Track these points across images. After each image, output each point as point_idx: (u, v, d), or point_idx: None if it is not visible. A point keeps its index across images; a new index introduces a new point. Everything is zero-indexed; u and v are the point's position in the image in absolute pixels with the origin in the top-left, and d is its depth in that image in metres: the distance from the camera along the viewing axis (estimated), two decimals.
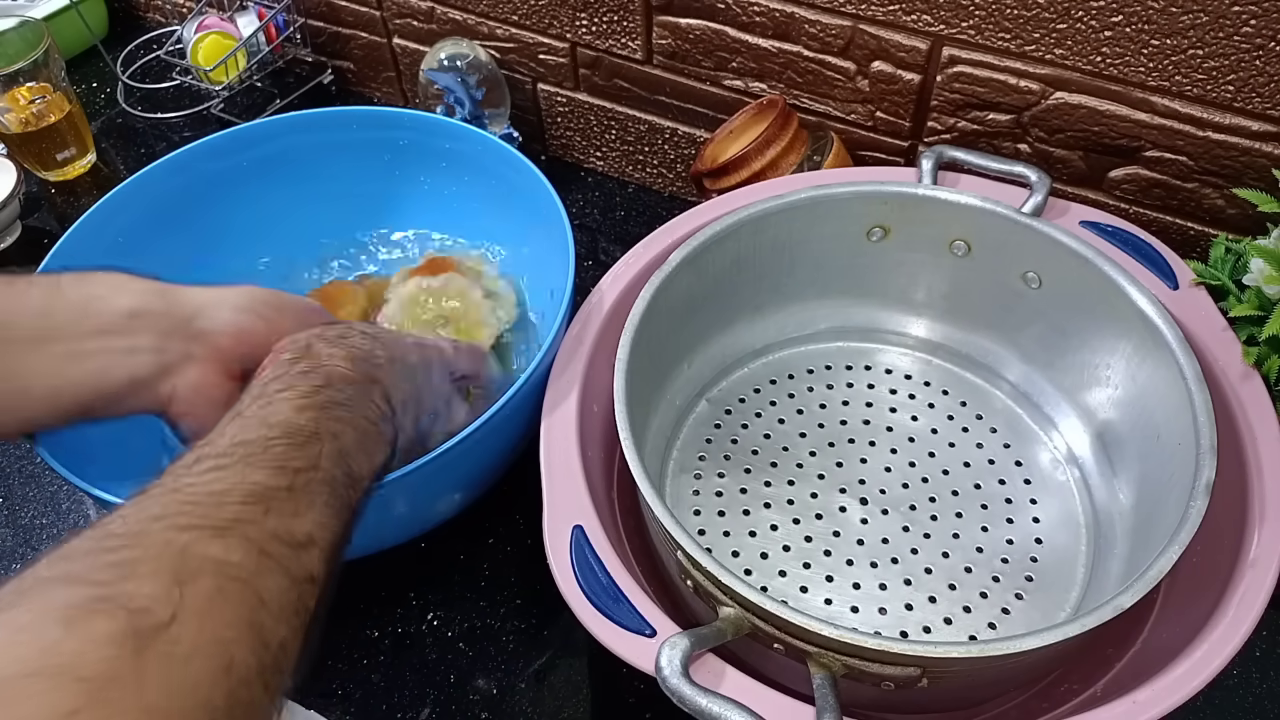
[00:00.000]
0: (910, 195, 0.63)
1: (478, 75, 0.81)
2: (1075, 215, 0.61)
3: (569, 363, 0.57)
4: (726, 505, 0.61)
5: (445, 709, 0.57)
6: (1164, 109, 0.62)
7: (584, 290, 0.60)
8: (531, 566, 0.63)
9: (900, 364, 0.69)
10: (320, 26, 0.94)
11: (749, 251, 0.64)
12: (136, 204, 0.67)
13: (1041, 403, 0.65)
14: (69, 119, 0.88)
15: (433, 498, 0.58)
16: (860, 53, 0.69)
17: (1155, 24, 0.58)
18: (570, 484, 0.51)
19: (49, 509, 0.68)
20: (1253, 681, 0.56)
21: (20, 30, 0.87)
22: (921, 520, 0.60)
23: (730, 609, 0.46)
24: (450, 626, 0.60)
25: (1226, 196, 0.64)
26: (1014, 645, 0.42)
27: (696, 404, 0.67)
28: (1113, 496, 0.59)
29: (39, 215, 0.90)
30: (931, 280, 0.67)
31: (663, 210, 0.86)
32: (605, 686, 0.58)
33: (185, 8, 1.01)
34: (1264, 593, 0.45)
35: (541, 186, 0.65)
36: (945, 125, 0.70)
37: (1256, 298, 0.54)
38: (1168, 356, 0.54)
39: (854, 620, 0.56)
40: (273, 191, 0.73)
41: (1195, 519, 0.46)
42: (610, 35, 0.78)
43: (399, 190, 0.75)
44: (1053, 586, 0.57)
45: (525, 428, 0.57)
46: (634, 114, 0.83)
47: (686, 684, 0.41)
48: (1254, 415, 0.52)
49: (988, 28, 0.63)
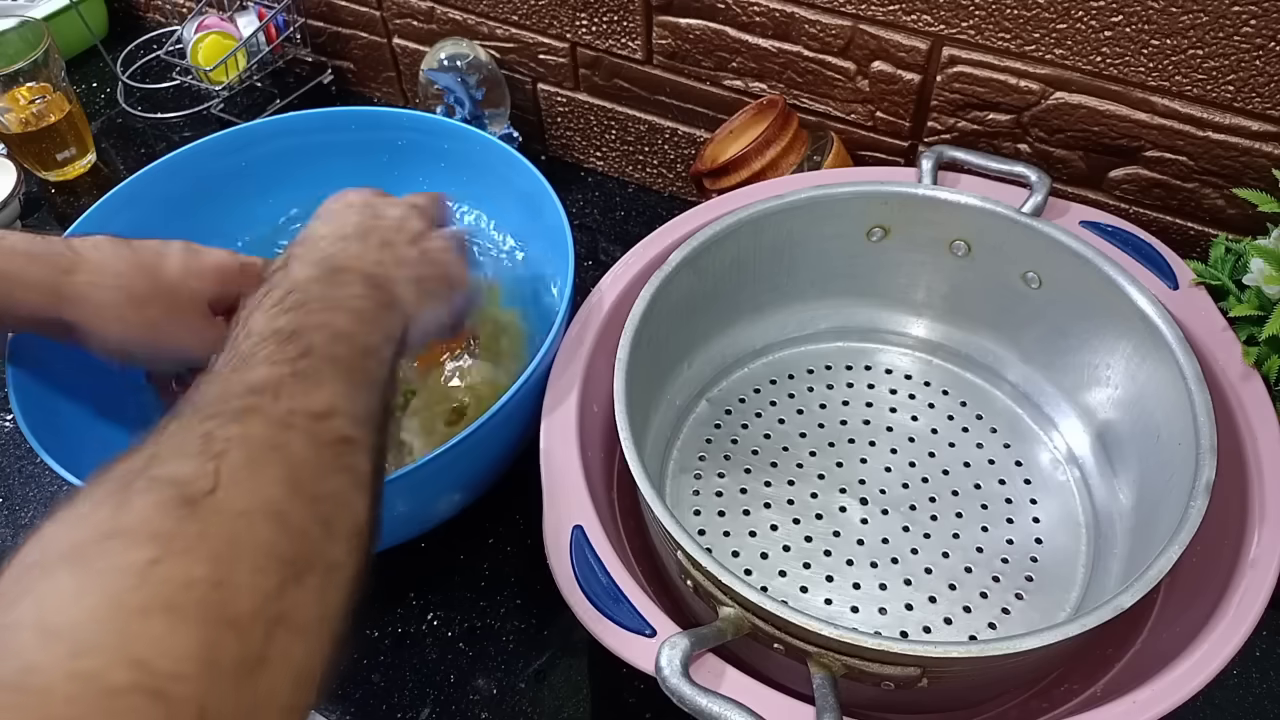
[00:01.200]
0: (910, 195, 0.63)
1: (478, 75, 0.81)
2: (1075, 215, 0.61)
3: (569, 363, 0.57)
4: (726, 505, 0.61)
5: (445, 709, 0.57)
6: (1164, 109, 0.62)
7: (584, 290, 0.60)
8: (531, 566, 0.63)
9: (900, 364, 0.69)
10: (320, 26, 0.94)
11: (749, 251, 0.64)
12: (137, 204, 0.67)
13: (1041, 403, 0.65)
14: (69, 119, 0.88)
15: (433, 498, 0.58)
16: (860, 53, 0.69)
17: (1155, 24, 0.58)
18: (570, 484, 0.51)
19: (49, 509, 0.68)
20: (1252, 681, 0.56)
21: (20, 30, 0.87)
22: (921, 520, 0.60)
23: (730, 609, 0.46)
24: (450, 626, 0.60)
25: (1226, 196, 0.64)
26: (1014, 645, 0.42)
27: (696, 404, 0.67)
28: (1113, 496, 0.59)
29: (39, 215, 0.90)
30: (931, 280, 0.67)
31: (663, 210, 0.86)
32: (605, 686, 0.58)
33: (185, 8, 1.01)
34: (1264, 592, 0.45)
35: (541, 187, 0.65)
36: (945, 125, 0.70)
37: (1256, 298, 0.54)
38: (1168, 356, 0.54)
39: (854, 620, 0.56)
40: (273, 192, 0.73)
41: (1195, 519, 0.46)
42: (610, 35, 0.78)
43: (399, 191, 0.75)
44: (1053, 586, 0.57)
45: (525, 428, 0.57)
46: (634, 114, 0.83)
47: (687, 684, 0.41)
48: (1254, 415, 0.52)
49: (988, 28, 0.63)
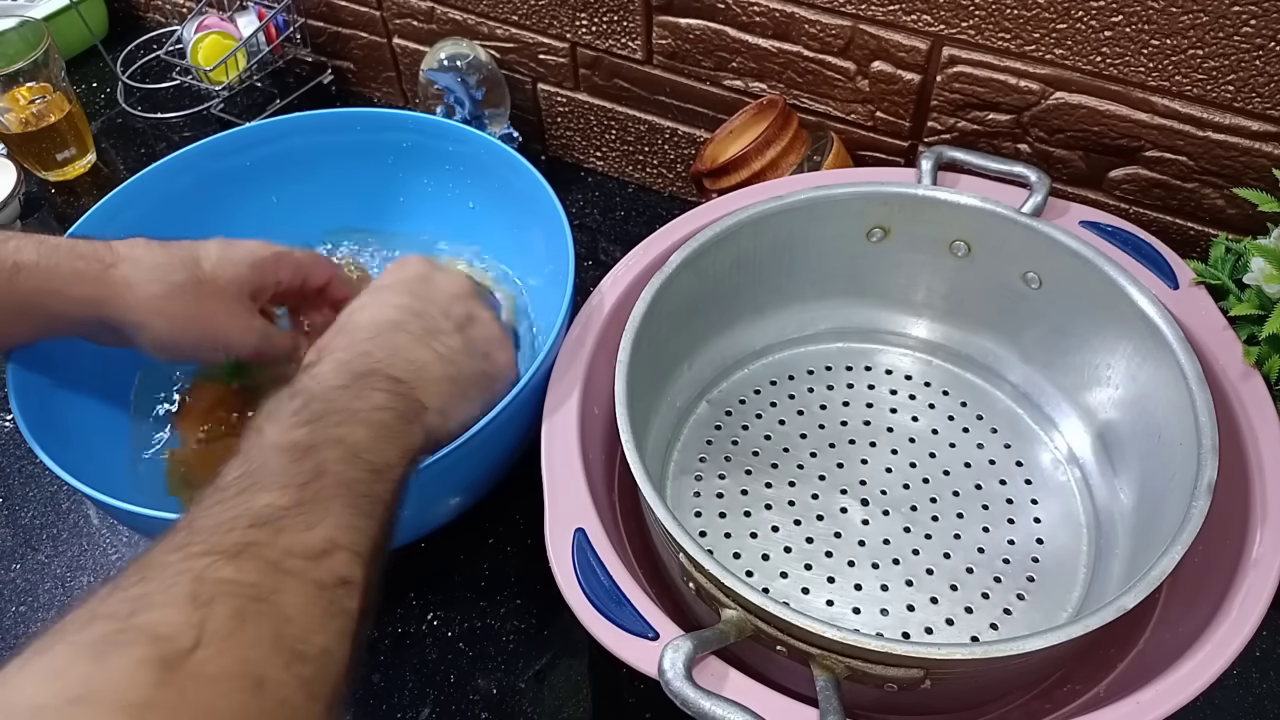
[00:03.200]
0: (910, 195, 0.63)
1: (478, 75, 0.81)
2: (1075, 215, 0.61)
3: (569, 365, 0.57)
4: (727, 507, 0.61)
5: (445, 709, 0.57)
6: (1164, 109, 0.62)
7: (584, 291, 0.60)
8: (531, 566, 0.63)
9: (900, 365, 0.69)
10: (320, 26, 0.94)
11: (749, 252, 0.64)
12: (137, 204, 0.67)
13: (1042, 403, 0.65)
14: (69, 119, 0.88)
15: (434, 501, 0.58)
16: (860, 53, 0.69)
17: (1155, 24, 0.58)
18: (572, 487, 0.51)
19: (49, 509, 0.68)
20: (1253, 681, 0.56)
21: (20, 30, 0.87)
22: (923, 521, 0.60)
23: (733, 611, 0.46)
24: (450, 626, 0.60)
25: (1226, 196, 0.64)
26: (1017, 646, 0.42)
27: (697, 405, 0.67)
28: (1114, 497, 0.59)
29: (39, 215, 0.90)
30: (931, 281, 0.67)
31: (663, 210, 0.86)
32: (605, 686, 0.58)
33: (185, 8, 1.01)
34: (1267, 593, 0.45)
35: (542, 189, 0.65)
36: (945, 125, 0.70)
37: (1257, 297, 0.54)
38: (1168, 356, 0.54)
39: (856, 622, 0.56)
40: (274, 192, 0.73)
41: (1198, 519, 0.46)
42: (610, 35, 0.78)
43: (400, 192, 0.75)
44: (1054, 587, 0.57)
45: (526, 430, 0.57)
46: (634, 114, 0.83)
47: (690, 687, 0.41)
48: (1255, 415, 0.52)
49: (988, 28, 0.63)
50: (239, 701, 0.30)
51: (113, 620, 0.30)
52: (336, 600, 0.36)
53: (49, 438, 0.54)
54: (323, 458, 0.40)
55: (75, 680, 0.28)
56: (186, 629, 0.30)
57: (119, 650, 0.29)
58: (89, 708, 0.28)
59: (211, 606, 0.31)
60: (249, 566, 0.34)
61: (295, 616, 0.33)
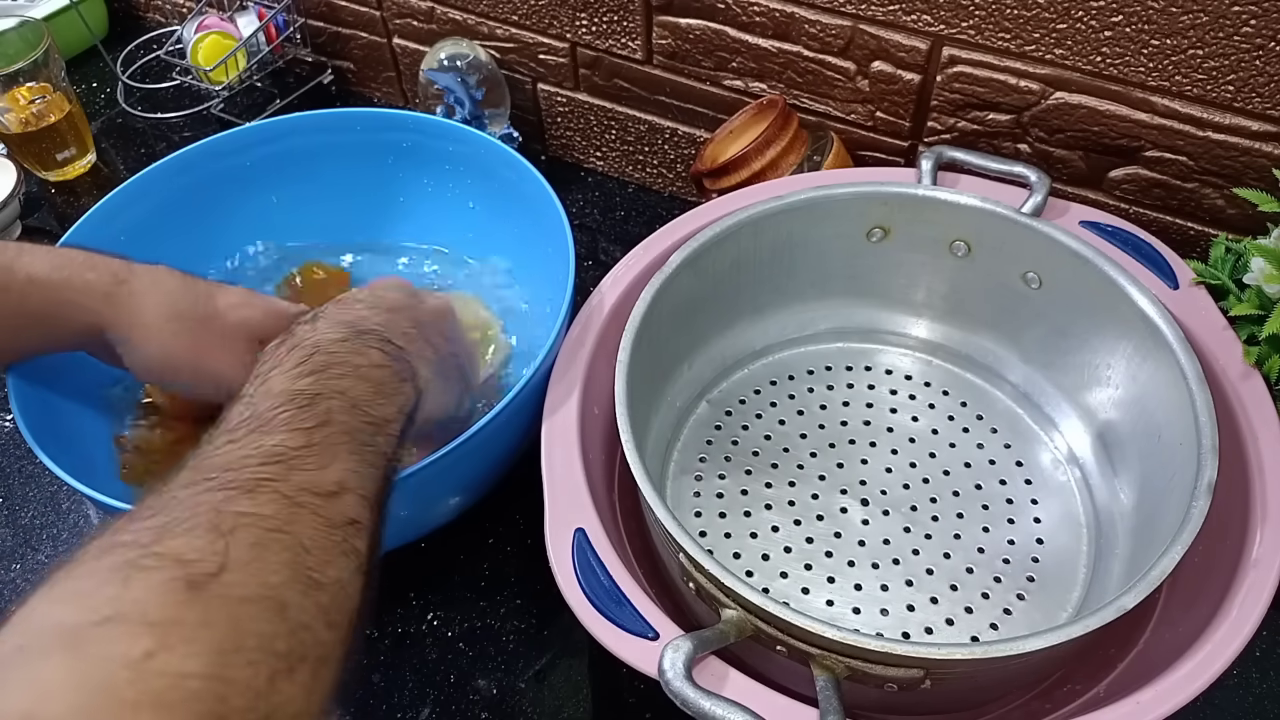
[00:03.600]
0: (910, 196, 0.63)
1: (478, 75, 0.81)
2: (1075, 215, 0.61)
3: (569, 365, 0.57)
4: (727, 507, 0.61)
5: (445, 709, 0.57)
6: (1164, 109, 0.62)
7: (584, 291, 0.60)
8: (531, 566, 0.63)
9: (900, 365, 0.69)
10: (320, 26, 0.94)
11: (749, 252, 0.64)
12: (138, 204, 0.67)
13: (1042, 403, 0.65)
14: (69, 119, 0.88)
15: (434, 501, 0.58)
16: (860, 53, 0.69)
17: (1155, 24, 0.58)
18: (572, 487, 0.51)
19: (49, 509, 0.68)
20: (1252, 681, 0.56)
21: (20, 30, 0.87)
22: (923, 521, 0.60)
23: (733, 611, 0.46)
24: (450, 626, 0.60)
25: (1226, 196, 0.64)
26: (1018, 646, 0.42)
27: (697, 405, 0.67)
28: (1114, 497, 0.59)
29: (39, 215, 0.90)
30: (932, 281, 0.67)
31: (663, 210, 0.86)
32: (605, 686, 0.58)
33: (185, 8, 1.01)
34: (1267, 593, 0.45)
35: (542, 189, 0.65)
36: (945, 125, 0.70)
37: (1257, 297, 0.54)
38: (1168, 356, 0.54)
39: (856, 622, 0.56)
40: (274, 192, 0.73)
41: (1198, 519, 0.46)
42: (610, 35, 0.78)
43: (400, 192, 0.75)
44: (1054, 587, 0.57)
45: (526, 430, 0.57)
46: (634, 114, 0.83)
47: (690, 687, 0.41)
48: (1255, 415, 0.52)
49: (988, 28, 0.63)
50: (264, 623, 0.31)
51: (135, 547, 0.31)
52: (348, 539, 0.37)
53: (49, 438, 0.54)
54: (327, 406, 0.40)
55: (103, 601, 0.29)
56: (211, 554, 0.31)
57: (145, 573, 0.30)
58: (118, 627, 0.28)
59: (234, 535, 0.32)
60: (265, 500, 0.35)
61: (312, 548, 0.34)
